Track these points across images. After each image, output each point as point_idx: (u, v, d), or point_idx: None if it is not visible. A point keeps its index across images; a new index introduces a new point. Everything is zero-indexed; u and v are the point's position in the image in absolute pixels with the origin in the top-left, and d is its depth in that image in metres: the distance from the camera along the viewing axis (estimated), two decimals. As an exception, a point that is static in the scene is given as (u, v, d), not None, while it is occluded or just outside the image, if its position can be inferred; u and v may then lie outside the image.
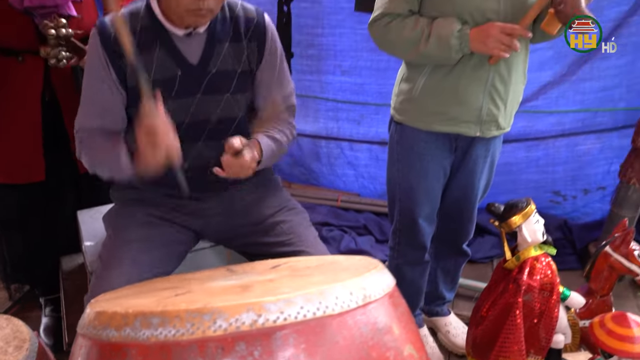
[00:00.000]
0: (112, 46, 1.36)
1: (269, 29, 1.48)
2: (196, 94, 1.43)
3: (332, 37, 2.50)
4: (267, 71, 1.50)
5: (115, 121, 1.43)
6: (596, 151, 2.51)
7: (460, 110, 1.58)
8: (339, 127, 2.72)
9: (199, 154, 1.47)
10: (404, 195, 1.76)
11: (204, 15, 1.33)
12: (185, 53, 1.40)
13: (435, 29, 1.46)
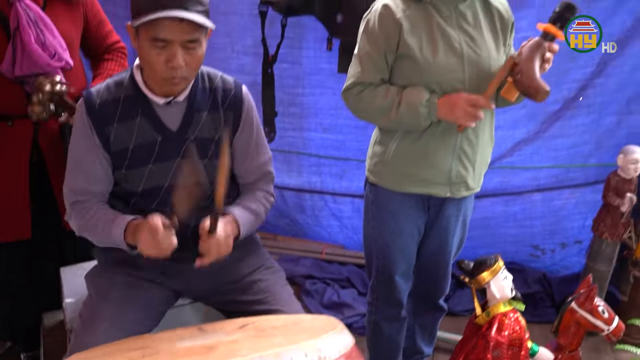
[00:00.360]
0: (96, 114, 1.44)
1: (246, 100, 1.57)
2: (175, 158, 1.50)
3: (313, 96, 2.60)
4: (243, 140, 1.57)
5: (101, 184, 1.50)
6: (571, 206, 2.59)
7: (431, 173, 1.66)
8: (322, 181, 2.79)
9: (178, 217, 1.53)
10: (380, 253, 1.81)
11: (179, 83, 1.41)
12: (165, 120, 1.48)
13: (405, 97, 1.55)
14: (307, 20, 2.43)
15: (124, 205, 1.54)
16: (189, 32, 1.34)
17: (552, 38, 1.49)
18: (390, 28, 1.55)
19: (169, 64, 1.35)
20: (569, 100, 2.39)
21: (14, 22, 1.64)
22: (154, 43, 1.34)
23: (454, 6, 1.57)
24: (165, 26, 1.32)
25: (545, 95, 1.47)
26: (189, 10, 1.32)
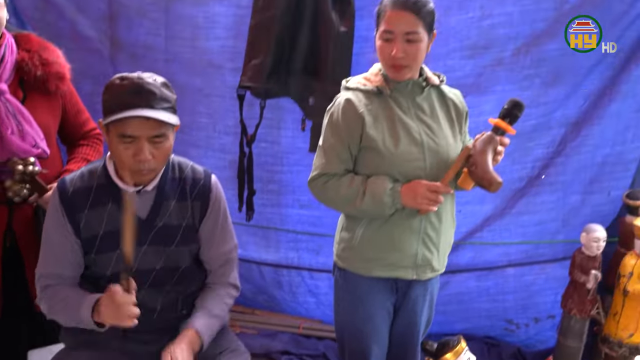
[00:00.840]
0: (69, 202, 1.52)
1: (214, 189, 1.65)
2: (143, 245, 1.56)
3: (291, 174, 2.68)
4: (209, 227, 1.65)
5: (72, 269, 1.57)
6: (542, 281, 2.64)
7: (397, 257, 1.71)
8: (299, 256, 2.83)
9: (143, 300, 1.56)
10: (353, 338, 1.83)
11: (147, 174, 1.51)
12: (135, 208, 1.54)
13: (369, 187, 1.62)
14: (285, 102, 2.56)
15: (94, 289, 1.58)
16: (155, 128, 1.44)
17: (502, 132, 1.62)
18: (353, 121, 1.65)
19: (136, 157, 1.44)
20: (533, 179, 2.51)
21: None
22: (122, 139, 1.43)
23: (412, 99, 1.69)
24: (132, 124, 1.42)
25: (497, 187, 1.57)
26: (155, 109, 1.42)
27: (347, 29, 2.36)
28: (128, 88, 1.42)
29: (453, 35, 2.42)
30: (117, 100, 1.42)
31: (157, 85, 1.46)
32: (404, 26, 1.58)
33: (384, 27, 1.61)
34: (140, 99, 1.42)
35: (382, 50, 1.63)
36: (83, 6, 2.64)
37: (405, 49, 1.59)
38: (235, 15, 2.53)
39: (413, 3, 1.58)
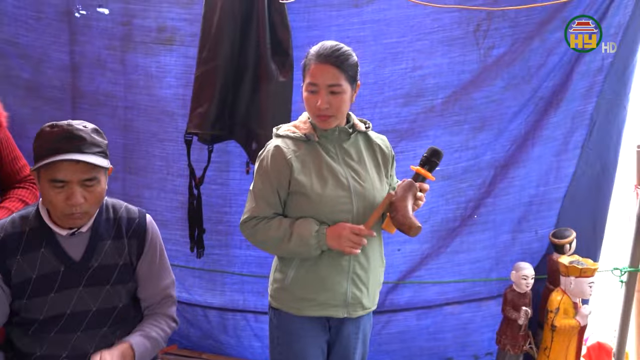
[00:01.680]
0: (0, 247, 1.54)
1: (150, 228, 1.71)
2: (78, 286, 1.59)
3: (238, 214, 2.69)
4: (146, 264, 1.70)
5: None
6: (479, 319, 2.72)
7: (328, 296, 1.77)
8: (244, 299, 2.86)
9: (79, 343, 1.60)
10: None
11: (80, 218, 1.54)
12: (69, 250, 1.59)
13: (296, 229, 1.70)
14: (232, 147, 2.67)
15: (22, 334, 1.59)
16: (85, 171, 1.49)
17: (422, 179, 1.73)
18: (282, 167, 1.73)
19: (68, 201, 1.49)
20: (466, 218, 2.63)
21: None
22: (53, 184, 1.48)
23: (339, 144, 1.80)
24: (63, 168, 1.47)
25: (417, 231, 1.65)
26: (84, 153, 1.48)
27: (286, 79, 2.49)
28: (58, 135, 1.48)
29: (388, 84, 2.59)
30: (48, 145, 1.47)
31: (87, 131, 1.52)
32: (327, 79, 1.70)
33: (309, 79, 1.72)
34: (70, 144, 1.47)
35: (308, 101, 1.74)
36: (45, 57, 2.74)
37: (330, 100, 1.71)
38: (185, 64, 2.67)
39: (335, 57, 1.70)
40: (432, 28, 2.52)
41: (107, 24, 2.72)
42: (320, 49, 1.73)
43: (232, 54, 2.49)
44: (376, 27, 2.55)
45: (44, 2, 2.73)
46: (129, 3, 2.68)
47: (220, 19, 2.46)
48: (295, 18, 2.54)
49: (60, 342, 1.60)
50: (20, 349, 1.62)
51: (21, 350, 1.62)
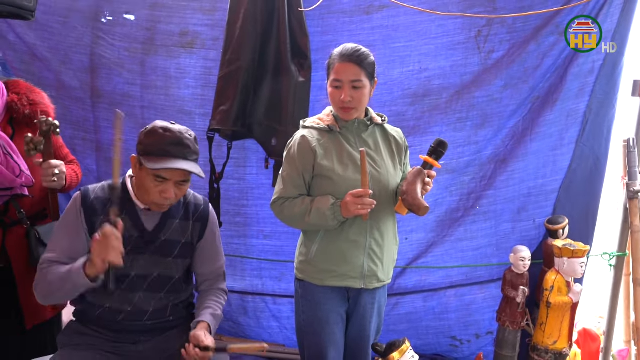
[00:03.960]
0: (88, 206, 1.80)
1: (211, 215, 1.99)
2: (145, 253, 1.84)
3: (255, 207, 2.97)
4: (206, 246, 1.97)
5: (74, 260, 1.76)
6: (480, 300, 2.96)
7: (347, 269, 2.00)
8: (263, 283, 3.07)
9: (139, 302, 1.84)
10: (312, 342, 2.07)
11: (166, 208, 1.83)
12: (145, 221, 1.85)
13: (315, 204, 1.93)
14: (250, 144, 2.87)
15: (93, 289, 1.78)
16: (183, 175, 1.79)
17: (430, 167, 1.95)
18: (307, 154, 1.97)
19: (163, 195, 1.76)
20: (469, 209, 2.85)
21: None
22: (155, 178, 1.75)
23: (358, 135, 2.03)
24: (168, 171, 1.74)
25: (425, 211, 1.87)
26: (188, 160, 1.76)
27: (305, 79, 2.71)
28: (169, 139, 1.75)
29: (397, 85, 2.81)
30: (159, 146, 1.74)
31: (191, 140, 1.81)
32: (350, 75, 1.93)
33: (334, 76, 1.96)
34: (178, 150, 1.75)
35: (333, 96, 1.98)
36: (66, 59, 2.93)
37: (352, 94, 1.94)
38: (204, 67, 2.87)
39: (356, 57, 1.94)
40: (437, 34, 2.74)
41: (130, 29, 2.92)
42: (342, 50, 1.96)
43: (253, 57, 2.70)
44: (385, 33, 2.77)
45: (72, 8, 2.93)
46: (155, 10, 2.88)
47: (243, 24, 2.67)
48: (312, 24, 2.75)
49: (125, 298, 1.85)
50: (90, 301, 1.86)
51: (91, 303, 1.86)
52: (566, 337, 2.63)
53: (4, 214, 2.02)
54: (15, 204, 2.03)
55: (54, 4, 2.89)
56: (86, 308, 1.87)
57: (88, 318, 1.87)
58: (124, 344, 1.86)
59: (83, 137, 3.02)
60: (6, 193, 2.00)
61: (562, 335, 2.60)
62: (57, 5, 2.90)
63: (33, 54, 2.92)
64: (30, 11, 2.55)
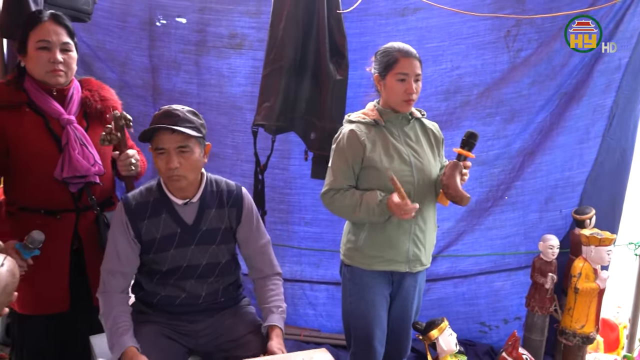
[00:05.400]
0: (132, 213, 1.97)
1: (246, 198, 2.10)
2: (191, 245, 2.00)
3: (298, 195, 3.16)
4: (245, 228, 2.08)
5: (130, 265, 1.99)
6: (509, 286, 3.09)
7: (393, 254, 2.15)
8: (301, 270, 3.26)
9: (192, 288, 2.02)
10: (359, 324, 2.22)
11: (178, 180, 1.91)
12: (183, 216, 2.00)
13: (365, 199, 2.07)
14: (293, 136, 3.07)
15: (149, 280, 2.03)
16: (179, 140, 1.88)
17: (464, 158, 2.09)
18: (356, 147, 2.11)
19: (167, 165, 1.88)
20: (498, 199, 3.00)
21: (65, 139, 2.11)
22: (156, 152, 1.90)
23: (401, 128, 2.19)
24: (161, 138, 1.88)
25: (467, 201, 2.02)
26: (177, 126, 1.87)
27: (342, 78, 2.88)
28: (160, 114, 1.92)
29: (430, 82, 2.98)
30: (153, 122, 1.90)
31: (182, 111, 1.92)
32: (415, 69, 2.12)
33: (400, 70, 2.11)
34: (168, 119, 1.88)
35: (395, 89, 2.12)
36: (128, 60, 3.19)
37: (416, 87, 2.13)
38: (253, 66, 3.09)
39: (415, 53, 2.15)
40: (468, 34, 2.91)
41: (183, 32, 3.16)
42: (403, 47, 2.15)
43: (294, 56, 2.89)
44: (419, 33, 2.95)
45: (129, 13, 3.18)
46: (204, 13, 3.11)
47: (286, 26, 2.86)
48: (350, 25, 2.93)
49: (178, 286, 2.02)
50: (147, 290, 2.05)
51: (148, 292, 2.05)
52: (593, 322, 2.75)
53: (78, 200, 2.19)
54: (87, 191, 2.20)
55: (112, 8, 3.15)
56: (144, 296, 2.06)
57: (147, 303, 2.05)
58: (182, 323, 2.04)
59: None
60: (81, 180, 2.15)
61: (589, 320, 2.72)
62: (114, 10, 3.15)
63: (96, 56, 3.18)
64: (88, 14, 2.82)
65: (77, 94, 2.22)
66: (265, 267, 2.12)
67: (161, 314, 2.03)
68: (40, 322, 2.20)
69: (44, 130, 2.11)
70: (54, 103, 2.12)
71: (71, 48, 2.13)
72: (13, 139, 2.07)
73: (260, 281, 2.12)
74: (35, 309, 2.18)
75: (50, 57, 2.06)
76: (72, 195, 2.17)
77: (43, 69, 2.07)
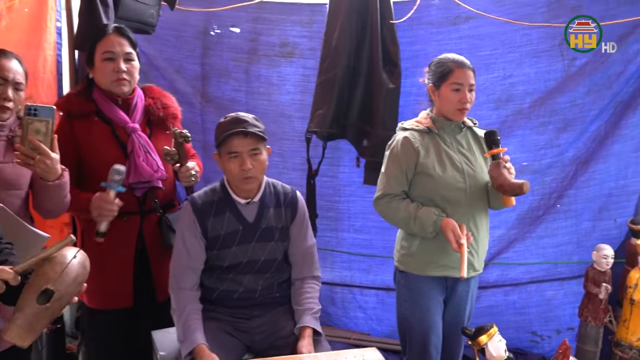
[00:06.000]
0: (199, 211, 2.08)
1: (300, 201, 2.21)
2: (252, 242, 2.10)
3: (347, 203, 3.21)
4: (296, 228, 2.18)
5: (198, 261, 2.09)
6: (561, 296, 3.07)
7: (447, 259, 2.18)
8: (351, 275, 3.31)
9: (249, 283, 2.11)
10: (415, 329, 2.25)
11: (251, 182, 2.04)
12: (245, 215, 2.10)
13: (420, 216, 2.11)
14: (343, 144, 3.13)
15: (209, 275, 2.12)
16: (251, 144, 2.00)
17: (498, 156, 2.12)
18: (410, 154, 2.17)
19: (241, 167, 1.99)
20: (550, 207, 2.99)
21: (130, 146, 2.22)
22: (229, 156, 2.00)
23: (453, 136, 2.24)
24: (235, 142, 1.99)
25: (527, 187, 2.02)
26: (248, 130, 1.99)
27: (395, 86, 2.93)
28: (229, 121, 2.03)
29: (481, 91, 2.96)
30: (223, 129, 2.01)
31: (249, 117, 2.05)
32: (469, 79, 2.18)
33: (455, 80, 2.17)
34: (238, 125, 2.00)
35: (450, 98, 2.18)
36: (180, 68, 3.30)
37: (470, 97, 2.18)
38: (303, 75, 3.17)
39: (469, 63, 2.21)
40: (521, 42, 2.92)
41: (236, 41, 3.25)
42: (458, 58, 2.21)
43: (348, 65, 2.95)
44: (471, 42, 2.97)
45: (185, 23, 3.29)
46: (257, 23, 3.20)
47: (340, 35, 2.93)
48: (402, 35, 2.98)
49: (236, 280, 2.12)
50: (207, 286, 2.14)
51: (208, 287, 2.14)
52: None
53: (142, 204, 2.30)
54: (151, 195, 2.31)
55: (170, 19, 3.25)
56: (205, 292, 2.15)
57: (208, 299, 2.14)
58: (239, 319, 2.12)
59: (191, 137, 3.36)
60: (145, 185, 2.27)
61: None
62: (172, 20, 3.26)
63: (151, 64, 3.30)
64: (152, 26, 2.94)
65: (140, 102, 2.33)
66: (305, 269, 2.21)
67: (221, 310, 2.12)
68: (106, 316, 2.32)
69: (111, 138, 2.22)
70: (119, 112, 2.23)
71: (134, 57, 2.25)
72: (84, 146, 2.20)
73: (297, 282, 2.20)
74: (102, 303, 2.30)
75: (114, 67, 2.18)
76: (137, 199, 2.28)
77: (108, 78, 2.20)
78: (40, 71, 2.81)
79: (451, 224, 2.07)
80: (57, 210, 2.05)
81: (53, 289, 1.37)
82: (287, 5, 3.16)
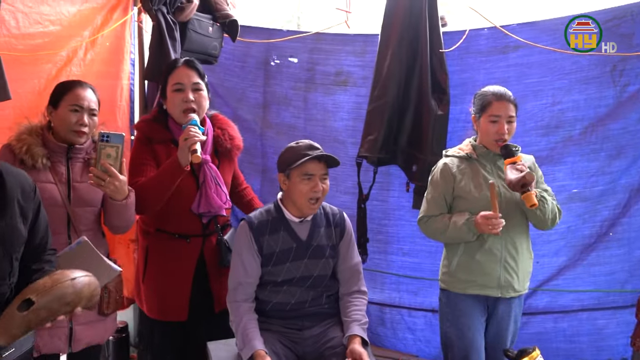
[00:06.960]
0: (255, 230, 2.25)
1: (347, 221, 2.37)
2: (304, 258, 2.26)
3: (396, 227, 3.31)
4: (344, 246, 2.34)
5: (254, 276, 2.25)
6: (613, 325, 3.01)
7: (485, 279, 2.29)
8: (400, 297, 3.38)
9: (300, 296, 2.26)
10: (457, 346, 2.34)
11: (317, 205, 2.21)
12: (299, 233, 2.27)
13: (453, 219, 2.26)
14: (393, 169, 3.23)
15: (264, 289, 2.27)
16: (323, 168, 2.20)
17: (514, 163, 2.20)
18: (447, 178, 2.32)
19: (314, 189, 2.17)
20: (602, 235, 2.96)
21: (202, 177, 2.40)
22: (303, 177, 2.17)
23: (494, 163, 2.35)
24: (311, 166, 2.17)
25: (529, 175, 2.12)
26: (325, 154, 2.17)
27: (444, 113, 3.01)
28: (304, 146, 2.21)
29: (529, 117, 3.02)
30: (298, 153, 2.18)
31: (318, 145, 2.24)
32: (508, 111, 2.29)
33: (493, 112, 2.29)
34: (313, 150, 2.19)
35: (488, 129, 2.31)
36: (243, 97, 3.54)
37: (508, 128, 2.29)
38: (355, 102, 3.32)
39: (511, 97, 2.32)
40: (570, 70, 2.93)
41: (294, 70, 3.46)
42: (498, 91, 2.32)
43: (398, 93, 3.07)
44: (520, 70, 3.02)
45: (248, 54, 3.54)
46: (314, 53, 3.40)
47: (390, 64, 3.06)
48: (451, 63, 3.07)
49: (289, 293, 2.27)
50: (261, 299, 2.31)
51: (262, 300, 2.30)
52: None
53: (205, 228, 2.49)
54: (215, 221, 2.52)
55: (234, 51, 3.52)
56: (259, 304, 2.31)
57: (262, 312, 2.29)
58: (291, 330, 2.27)
59: (250, 161, 3.58)
60: (212, 213, 2.47)
61: (700, 363, 2.61)
62: (236, 51, 3.53)
63: (215, 92, 3.54)
64: (215, 57, 3.19)
65: (210, 133, 2.50)
66: (353, 284, 2.34)
67: (274, 322, 2.28)
68: (164, 327, 2.51)
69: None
70: None
71: (202, 87, 2.43)
72: None
73: (345, 297, 2.33)
74: (159, 315, 2.50)
75: (183, 97, 2.36)
76: (202, 224, 2.47)
77: (178, 108, 2.38)
78: (118, 99, 3.12)
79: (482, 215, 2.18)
80: (124, 227, 2.27)
81: (34, 300, 1.46)
82: (341, 36, 3.34)
